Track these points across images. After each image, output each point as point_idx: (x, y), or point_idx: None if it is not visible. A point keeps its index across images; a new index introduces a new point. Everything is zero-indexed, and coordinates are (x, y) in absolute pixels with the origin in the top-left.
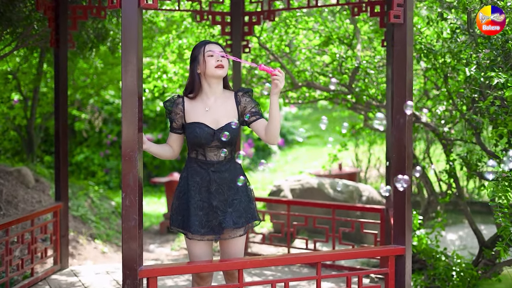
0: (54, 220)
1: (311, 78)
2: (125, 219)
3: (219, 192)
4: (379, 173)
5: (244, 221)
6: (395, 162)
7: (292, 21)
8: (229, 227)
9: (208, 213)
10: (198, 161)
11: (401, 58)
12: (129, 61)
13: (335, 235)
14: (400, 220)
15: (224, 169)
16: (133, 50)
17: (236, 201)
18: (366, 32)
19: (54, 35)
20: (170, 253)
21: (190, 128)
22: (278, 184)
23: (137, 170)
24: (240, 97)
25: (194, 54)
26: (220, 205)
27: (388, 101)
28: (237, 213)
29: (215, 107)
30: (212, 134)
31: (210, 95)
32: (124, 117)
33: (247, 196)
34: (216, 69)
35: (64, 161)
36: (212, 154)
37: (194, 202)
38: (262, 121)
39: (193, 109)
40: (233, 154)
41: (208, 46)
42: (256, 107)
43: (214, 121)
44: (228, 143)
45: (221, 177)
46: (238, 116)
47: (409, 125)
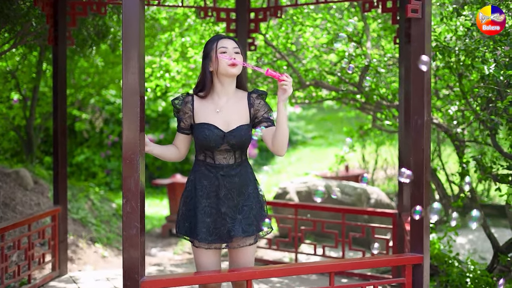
0: (53, 225)
1: (319, 77)
2: (126, 226)
3: (228, 197)
4: (386, 175)
5: (254, 229)
6: (413, 166)
7: (300, 17)
8: (238, 236)
9: (216, 220)
10: (206, 164)
11: (419, 55)
12: (130, 57)
13: (344, 240)
14: (417, 226)
15: (234, 173)
16: (135, 46)
17: (247, 208)
18: (374, 30)
19: (53, 32)
20: (172, 258)
21: (199, 129)
22: (284, 186)
23: (138, 174)
24: (254, 99)
25: (206, 51)
26: (229, 212)
27: (401, 101)
28: (247, 221)
29: (227, 108)
30: (222, 137)
31: (222, 95)
32: (124, 117)
33: (258, 202)
34: (229, 68)
35: (63, 163)
36: (221, 157)
37: (201, 208)
38: (271, 130)
39: (203, 109)
40: (244, 157)
41: (221, 42)
42: (268, 113)
43: (224, 123)
44: (239, 147)
45: (231, 182)
46: (250, 119)
47: (427, 126)
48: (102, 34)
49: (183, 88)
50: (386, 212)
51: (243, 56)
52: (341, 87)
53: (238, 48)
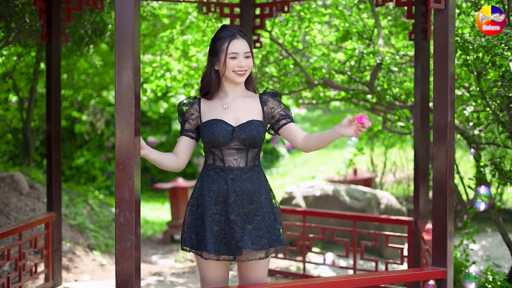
0: (46, 232)
1: (328, 76)
2: (119, 239)
3: (238, 204)
4: (395, 178)
5: (266, 242)
6: (435, 171)
7: (308, 13)
8: (247, 247)
9: (224, 228)
10: (215, 167)
11: (441, 49)
12: (123, 51)
13: (356, 249)
14: (440, 237)
15: (245, 178)
16: (128, 39)
17: (258, 218)
18: (384, 27)
19: (46, 28)
20: (174, 266)
21: (207, 126)
22: (290, 191)
23: (133, 181)
24: (267, 98)
25: (216, 49)
26: (238, 220)
27: (416, 101)
28: (258, 232)
29: (235, 104)
30: (230, 132)
31: (230, 93)
32: (118, 118)
33: (273, 214)
34: (235, 75)
35: (57, 167)
36: (232, 159)
37: (209, 215)
38: (293, 126)
39: (210, 108)
40: (257, 162)
41: (232, 45)
42: (285, 110)
43: (233, 118)
44: (249, 144)
45: (242, 187)
46: (264, 118)
47: (450, 128)
48: (99, 31)
49: (184, 88)
50: (401, 220)
51: (253, 59)
52: (351, 87)
53: (249, 52)
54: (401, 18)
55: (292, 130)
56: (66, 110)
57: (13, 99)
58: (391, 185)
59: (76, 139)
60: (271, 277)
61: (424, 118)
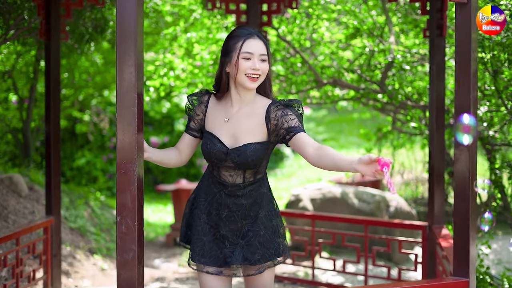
0: (45, 237)
1: (338, 74)
2: (120, 249)
3: (231, 219)
4: (402, 180)
5: (259, 258)
6: (456, 174)
7: (317, 9)
8: (236, 264)
9: (213, 240)
10: (213, 177)
11: (464, 45)
12: (125, 48)
13: (367, 255)
14: (462, 246)
15: (240, 194)
16: (131, 34)
17: (252, 234)
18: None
19: (45, 25)
20: (177, 270)
21: (204, 139)
22: (297, 193)
23: (136, 187)
24: (273, 112)
25: (228, 48)
26: (229, 235)
27: (432, 101)
28: (250, 248)
29: (237, 118)
30: (225, 153)
31: (235, 103)
32: (119, 118)
33: (271, 228)
34: (247, 80)
35: (56, 169)
36: (227, 174)
37: (200, 224)
38: (300, 137)
39: (214, 114)
40: (259, 176)
41: (247, 44)
42: (291, 121)
43: (231, 137)
44: (247, 167)
45: (236, 203)
46: (269, 136)
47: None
48: (100, 28)
49: (188, 87)
50: (415, 225)
51: (270, 63)
52: (361, 86)
53: (266, 55)
54: (412, 15)
55: (299, 141)
56: (67, 110)
57: (13, 99)
58: (399, 186)
59: (77, 139)
60: (278, 283)
61: (439, 118)
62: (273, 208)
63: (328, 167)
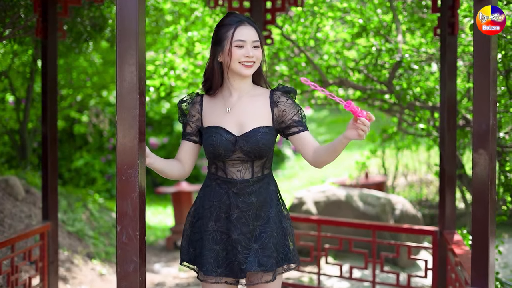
0: (41, 244)
1: (344, 74)
2: (120, 261)
3: (241, 221)
4: (406, 182)
5: (274, 262)
6: (475, 179)
7: (322, 6)
8: (252, 270)
9: (226, 248)
10: (217, 178)
11: (483, 42)
12: (126, 45)
13: (375, 261)
14: (481, 255)
15: (250, 191)
16: (132, 29)
17: (265, 235)
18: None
19: (41, 22)
20: (177, 275)
21: (206, 134)
22: (300, 196)
23: (137, 194)
24: (279, 97)
25: (219, 36)
26: (242, 239)
27: (443, 102)
28: (266, 251)
29: (239, 106)
30: (232, 142)
31: (234, 92)
32: (119, 121)
33: (281, 229)
34: (242, 67)
35: (53, 172)
36: (235, 170)
37: (208, 233)
38: (306, 135)
39: (211, 109)
40: (267, 171)
41: (238, 32)
42: (299, 115)
43: (237, 125)
44: (255, 155)
45: (246, 202)
46: (274, 122)
47: (493, 132)
48: (99, 26)
49: (189, 87)
50: (425, 230)
51: (263, 49)
52: (368, 86)
53: (258, 41)
54: (418, 13)
55: (304, 140)
56: (65, 110)
57: (9, 99)
58: (402, 188)
59: (75, 141)
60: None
61: (451, 119)
62: (283, 208)
63: (328, 155)
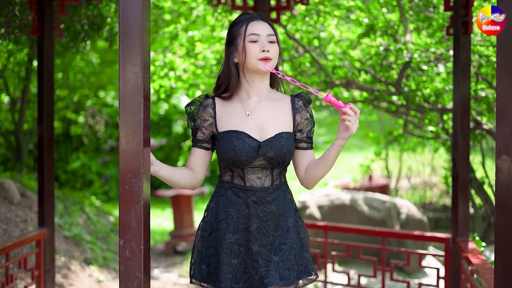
0: (37, 251)
1: (351, 75)
2: (124, 278)
3: (261, 232)
4: (410, 184)
5: (295, 275)
6: (497, 185)
7: (328, 5)
8: (274, 284)
9: (245, 261)
10: (234, 186)
11: (507, 42)
12: (129, 43)
13: (384, 269)
14: (505, 268)
15: (270, 200)
16: (136, 27)
17: (286, 247)
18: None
19: (37, 21)
20: (177, 281)
21: (225, 139)
22: (303, 199)
23: (141, 205)
24: (300, 107)
25: (232, 35)
26: (262, 251)
27: (456, 104)
28: (286, 264)
29: (260, 109)
30: (255, 149)
31: (253, 94)
32: (122, 126)
33: (299, 240)
34: (260, 62)
35: (50, 176)
36: (254, 177)
37: (226, 246)
38: (310, 154)
39: (228, 112)
40: (283, 179)
41: (251, 26)
42: (312, 132)
43: (259, 130)
44: (278, 162)
45: (266, 211)
46: (294, 128)
47: None
48: (96, 25)
49: (190, 88)
50: (437, 237)
51: (279, 46)
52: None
53: (274, 36)
54: (425, 12)
55: (306, 157)
56: (61, 111)
57: (5, 100)
58: (406, 191)
59: (71, 142)
60: None
61: (464, 122)
62: (299, 217)
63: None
